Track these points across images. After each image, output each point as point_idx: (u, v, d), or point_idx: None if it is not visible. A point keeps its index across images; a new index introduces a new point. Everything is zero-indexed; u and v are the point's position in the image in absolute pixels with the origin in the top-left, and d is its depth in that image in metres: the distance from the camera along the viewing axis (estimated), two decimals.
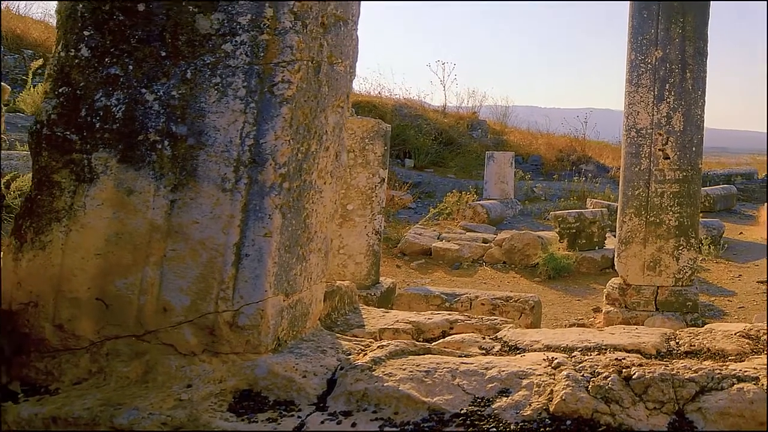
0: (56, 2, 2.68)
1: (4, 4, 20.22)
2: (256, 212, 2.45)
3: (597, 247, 11.86)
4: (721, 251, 12.47)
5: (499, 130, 27.77)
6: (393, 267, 11.26)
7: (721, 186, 19.91)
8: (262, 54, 2.51)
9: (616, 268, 8.54)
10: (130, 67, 2.52)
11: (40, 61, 13.50)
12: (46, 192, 2.47)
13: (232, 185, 2.46)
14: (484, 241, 12.93)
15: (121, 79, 2.51)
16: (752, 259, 12.48)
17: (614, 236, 9.39)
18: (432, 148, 23.07)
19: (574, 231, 11.77)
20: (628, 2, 8.52)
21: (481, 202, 15.88)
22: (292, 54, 2.53)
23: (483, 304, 6.40)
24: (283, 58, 2.52)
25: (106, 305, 2.42)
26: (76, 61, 2.53)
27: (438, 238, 12.98)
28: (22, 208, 2.48)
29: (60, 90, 2.52)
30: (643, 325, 7.95)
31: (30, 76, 9.97)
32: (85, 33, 2.54)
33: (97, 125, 2.49)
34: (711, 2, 8.47)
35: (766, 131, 16.48)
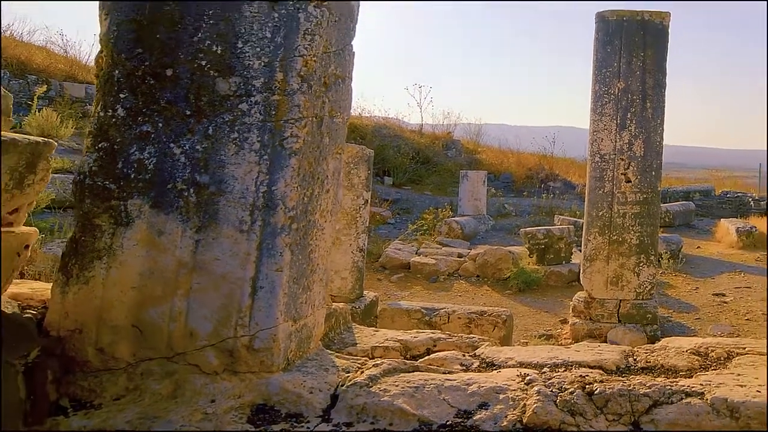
0: (94, 66, 2.93)
1: (5, 28, 20.32)
2: (269, 250, 2.72)
3: (564, 262, 12.14)
4: (679, 265, 12.75)
5: (472, 149, 28.04)
6: (375, 280, 11.46)
7: (680, 203, 20.25)
8: (273, 112, 2.77)
9: (581, 282, 8.82)
10: (160, 124, 2.78)
11: (44, 87, 13.68)
12: (88, 234, 2.73)
13: (248, 227, 2.72)
14: (459, 255, 13.18)
15: (152, 136, 2.78)
16: (709, 272, 12.75)
17: (580, 251, 9.61)
18: (410, 167, 23.35)
19: (543, 247, 12.06)
20: (593, 37, 8.82)
21: (456, 218, 16.12)
22: (299, 112, 2.80)
23: (460, 318, 6.65)
24: (292, 116, 2.79)
25: (140, 331, 2.68)
26: (113, 119, 2.79)
27: (416, 253, 13.22)
28: (67, 248, 2.74)
29: (99, 145, 2.78)
30: (606, 335, 8.27)
31: (35, 101, 10.13)
32: (121, 95, 2.81)
33: (132, 176, 2.75)
34: (669, 38, 8.78)
35: (766, 149, 16.70)
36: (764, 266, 13.25)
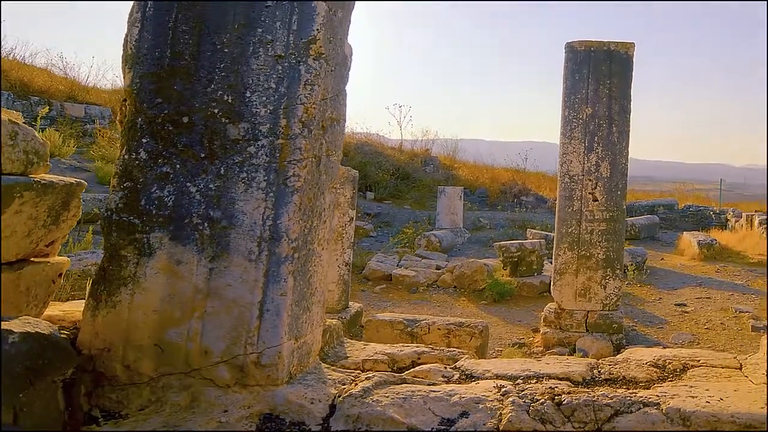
0: (118, 109, 3.17)
1: (9, 52, 20.43)
2: (275, 277, 2.95)
3: (536, 274, 12.37)
4: (644, 276, 13.00)
5: (449, 165, 28.31)
6: (359, 291, 11.62)
7: (645, 216, 20.55)
8: (278, 155, 3.01)
9: (552, 294, 9.06)
10: (178, 166, 3.02)
11: (47, 109, 13.83)
12: (115, 263, 2.96)
13: (256, 256, 2.96)
14: (437, 267, 13.40)
15: (171, 176, 3.01)
16: (671, 283, 12.99)
17: (551, 264, 9.81)
18: (390, 182, 23.59)
19: (516, 260, 12.30)
20: (563, 65, 9.09)
21: (434, 232, 16.34)
22: (300, 154, 3.04)
23: (439, 329, 6.86)
24: (294, 158, 3.02)
25: (161, 350, 2.91)
26: (137, 162, 3.03)
27: (397, 265, 13.42)
28: (97, 276, 2.97)
29: (124, 184, 3.01)
30: (575, 343, 8.51)
31: (38, 122, 10.29)
32: (143, 140, 3.04)
33: (154, 212, 2.99)
34: (634, 67, 9.06)
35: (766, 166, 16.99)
36: (723, 278, 13.56)
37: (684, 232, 18.29)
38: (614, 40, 8.94)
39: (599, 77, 8.84)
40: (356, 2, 3.58)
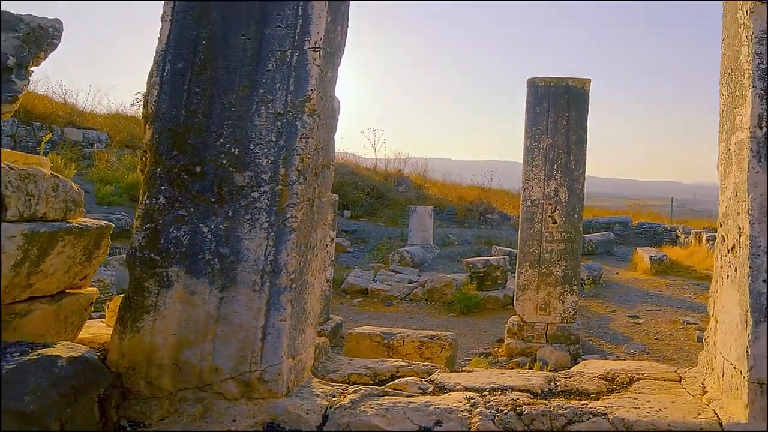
0: (138, 164, 3.48)
1: None
2: (275, 305, 3.26)
3: (500, 288, 12.73)
4: (600, 290, 13.41)
5: (420, 184, 28.68)
6: (338, 304, 11.89)
7: (601, 233, 21.00)
8: (277, 199, 3.31)
9: (515, 307, 9.41)
10: (192, 209, 3.32)
11: (50, 134, 14.03)
12: (139, 294, 3.26)
13: (259, 287, 3.26)
14: (410, 282, 13.73)
15: (186, 218, 3.32)
16: (625, 296, 13.38)
17: (514, 278, 10.14)
18: (365, 201, 23.94)
19: (482, 275, 12.66)
20: (525, 99, 9.46)
21: (406, 248, 16.66)
22: (297, 198, 3.34)
23: (413, 342, 7.14)
24: (291, 201, 3.33)
25: (179, 368, 3.21)
26: (156, 206, 3.33)
27: (373, 280, 13.72)
28: (123, 304, 3.27)
29: (146, 226, 3.32)
30: (537, 353, 8.84)
31: (42, 146, 10.49)
32: (162, 187, 3.35)
33: (172, 249, 3.29)
34: (589, 101, 9.45)
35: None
36: (673, 291, 13.97)
37: (638, 248, 18.73)
38: (572, 77, 9.33)
39: (558, 110, 9.23)
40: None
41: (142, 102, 3.48)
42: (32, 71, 3.15)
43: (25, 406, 2.36)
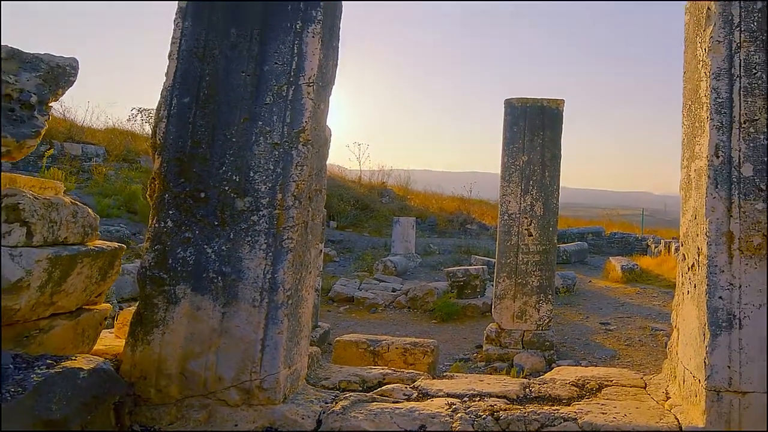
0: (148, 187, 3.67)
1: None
2: (273, 319, 3.45)
3: (479, 296, 12.92)
4: (573, 297, 13.63)
5: (403, 195, 28.87)
6: (325, 311, 12.04)
7: (576, 243, 21.26)
8: (275, 222, 3.50)
9: (493, 315, 9.61)
10: (197, 232, 3.52)
11: (51, 150, 14.13)
12: (149, 310, 3.45)
13: (258, 303, 3.45)
14: (393, 290, 13.91)
15: (192, 240, 3.51)
16: (598, 304, 13.59)
17: (492, 287, 10.35)
18: (351, 212, 24.09)
19: (462, 283, 12.86)
20: (503, 119, 9.69)
21: (390, 257, 16.85)
22: (293, 221, 3.53)
23: (397, 348, 7.31)
24: (288, 224, 3.52)
25: (185, 377, 3.40)
26: (165, 229, 3.52)
27: (359, 288, 13.89)
28: (134, 319, 3.46)
29: (155, 247, 3.51)
30: (513, 359, 9.04)
31: (44, 161, 10.63)
32: (170, 212, 3.54)
33: (179, 268, 3.48)
34: (563, 121, 9.68)
35: None
36: (643, 299, 14.20)
37: (610, 258, 18.99)
38: (547, 98, 9.55)
39: (534, 129, 9.45)
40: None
41: (150, 132, 3.67)
42: (51, 107, 3.33)
43: (52, 414, 2.55)
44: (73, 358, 2.92)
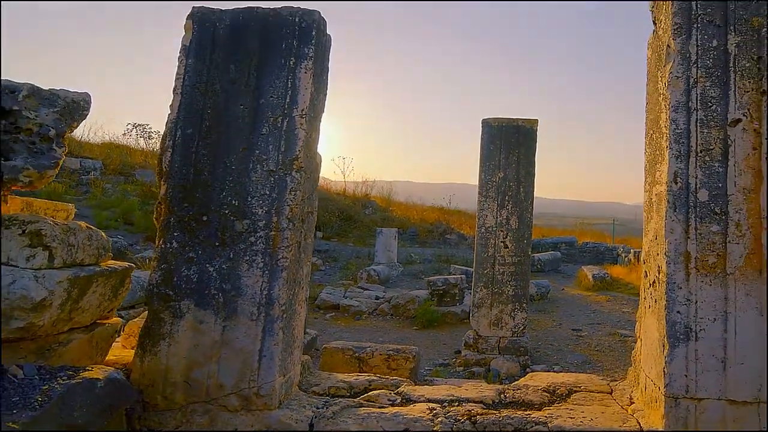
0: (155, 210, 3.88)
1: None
2: (270, 332, 3.65)
3: (458, 304, 13.10)
4: (547, 305, 13.86)
5: (385, 207, 29.06)
6: (312, 318, 12.17)
7: (549, 252, 21.51)
8: (271, 243, 3.70)
9: (471, 322, 9.81)
10: (200, 252, 3.73)
11: None
12: (156, 324, 3.66)
13: (256, 317, 3.65)
14: (377, 298, 14.08)
15: (195, 259, 3.72)
16: (570, 311, 13.79)
17: (470, 295, 10.53)
18: (336, 223, 24.24)
19: (442, 292, 13.07)
20: (480, 137, 9.91)
21: (373, 267, 17.02)
22: (287, 242, 3.74)
23: (381, 355, 7.50)
24: (283, 245, 3.73)
25: (189, 385, 3.61)
26: (170, 249, 3.74)
27: (344, 296, 14.06)
28: (142, 332, 3.67)
29: (162, 266, 3.72)
30: (490, 364, 9.25)
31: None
32: (175, 233, 3.75)
33: (183, 286, 3.69)
34: (537, 139, 9.92)
35: None
36: (613, 306, 14.45)
37: (582, 266, 19.25)
38: (522, 117, 9.80)
39: (509, 147, 9.68)
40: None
41: (157, 161, 3.88)
42: (67, 138, 3.53)
43: (75, 420, 2.76)
44: (90, 369, 3.11)
